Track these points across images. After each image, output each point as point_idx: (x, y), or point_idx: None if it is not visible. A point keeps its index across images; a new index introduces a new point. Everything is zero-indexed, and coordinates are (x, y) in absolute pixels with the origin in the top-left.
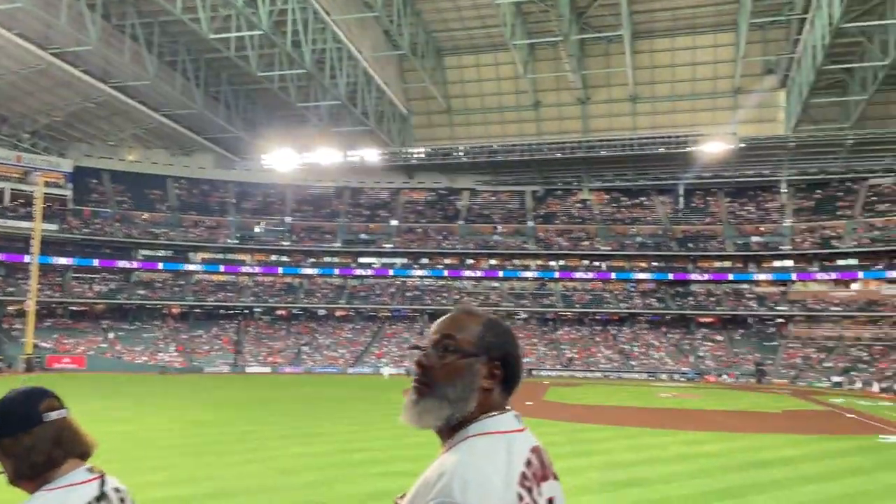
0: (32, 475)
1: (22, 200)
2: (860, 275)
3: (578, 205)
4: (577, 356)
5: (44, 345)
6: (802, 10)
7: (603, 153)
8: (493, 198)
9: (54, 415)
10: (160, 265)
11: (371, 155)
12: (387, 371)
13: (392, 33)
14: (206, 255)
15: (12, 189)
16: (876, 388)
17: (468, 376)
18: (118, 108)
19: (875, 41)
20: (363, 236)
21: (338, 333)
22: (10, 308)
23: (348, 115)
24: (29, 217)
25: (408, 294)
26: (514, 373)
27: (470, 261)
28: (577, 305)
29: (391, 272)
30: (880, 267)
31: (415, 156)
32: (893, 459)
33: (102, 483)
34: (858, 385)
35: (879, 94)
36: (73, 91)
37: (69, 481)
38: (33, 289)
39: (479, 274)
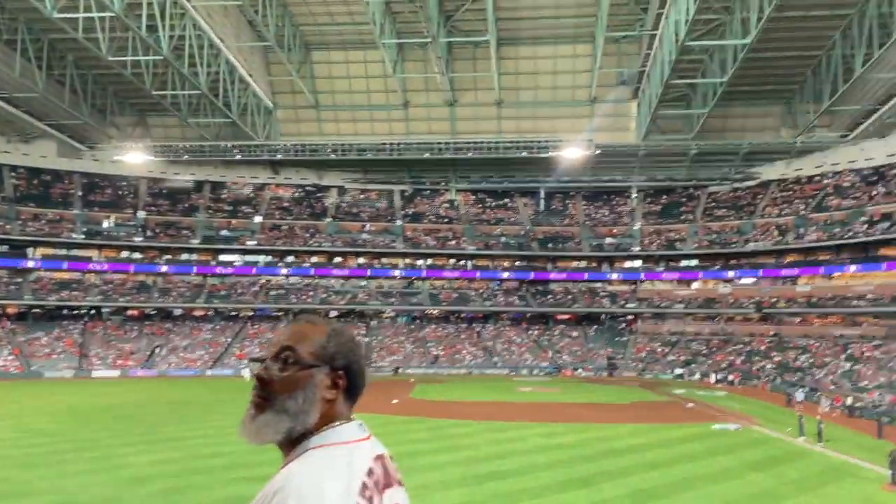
0: None
1: None
2: (700, 275)
3: (446, 205)
4: (442, 353)
5: None
6: (653, 26)
7: (470, 155)
8: (362, 196)
9: None
10: None
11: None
12: (247, 372)
13: (257, 24)
14: (47, 251)
15: None
16: (712, 378)
17: (309, 388)
18: None
19: (715, 59)
20: (224, 233)
21: (196, 334)
22: None
23: (209, 105)
24: None
25: (272, 293)
26: (357, 381)
27: (338, 259)
28: (444, 304)
29: (254, 270)
30: (717, 267)
31: (281, 150)
32: (726, 444)
33: None
34: (697, 376)
35: (718, 109)
36: None
37: None
38: None
39: (346, 272)
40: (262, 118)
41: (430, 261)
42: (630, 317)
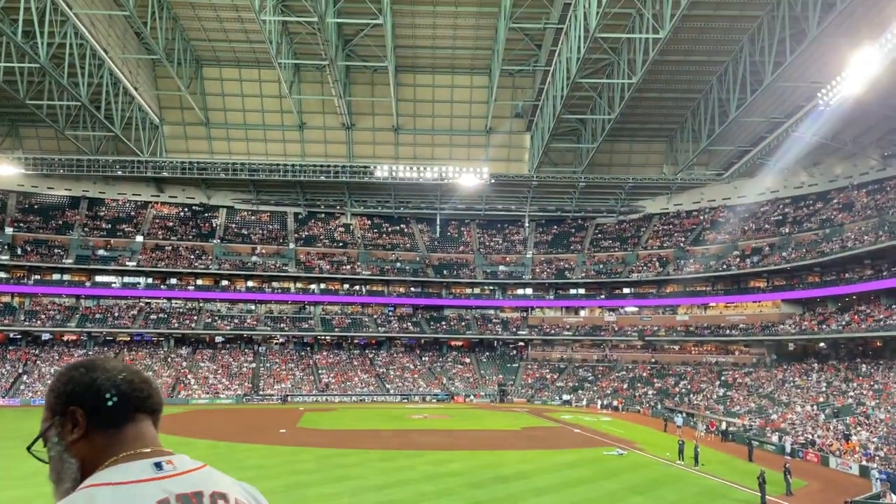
0: None
1: None
2: (587, 303)
3: (341, 229)
4: (333, 381)
5: None
6: (546, 62)
7: (366, 179)
8: (253, 217)
9: None
10: None
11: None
12: None
13: (145, 36)
14: None
15: None
16: (598, 404)
17: (52, 450)
18: None
19: (604, 97)
20: (101, 252)
21: (66, 360)
22: None
23: (90, 117)
24: None
25: (153, 317)
26: (103, 405)
27: (225, 282)
28: (337, 329)
29: (134, 292)
30: (603, 296)
31: (167, 167)
32: (610, 469)
33: None
34: (584, 402)
35: (606, 144)
36: None
37: None
38: None
39: (234, 296)
40: (148, 133)
41: (323, 285)
42: (521, 344)
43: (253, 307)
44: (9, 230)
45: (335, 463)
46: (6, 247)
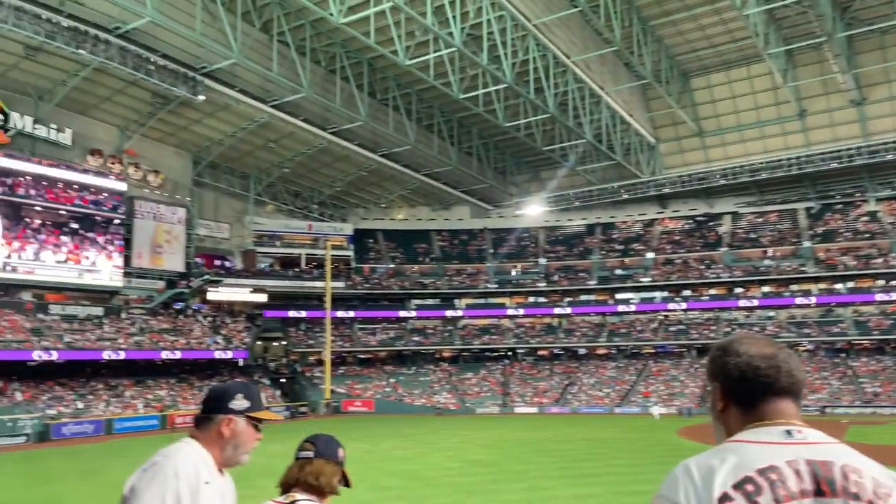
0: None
1: (314, 263)
2: None
3: (865, 218)
4: (881, 390)
5: (339, 390)
6: None
7: (889, 157)
8: (760, 219)
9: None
10: (430, 313)
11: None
12: (657, 411)
13: (633, 64)
14: (469, 301)
15: (306, 254)
16: None
17: (710, 414)
18: (386, 174)
19: None
20: (618, 271)
21: (601, 372)
22: (311, 358)
23: (594, 151)
24: (321, 277)
25: (671, 328)
26: (734, 385)
27: (739, 289)
28: (875, 332)
29: (651, 307)
30: None
31: (667, 184)
32: None
33: None
34: None
35: None
36: (349, 163)
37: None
38: (328, 340)
39: (752, 303)
40: (646, 155)
41: (850, 284)
42: None
43: (772, 313)
44: (542, 260)
45: None
46: (542, 275)
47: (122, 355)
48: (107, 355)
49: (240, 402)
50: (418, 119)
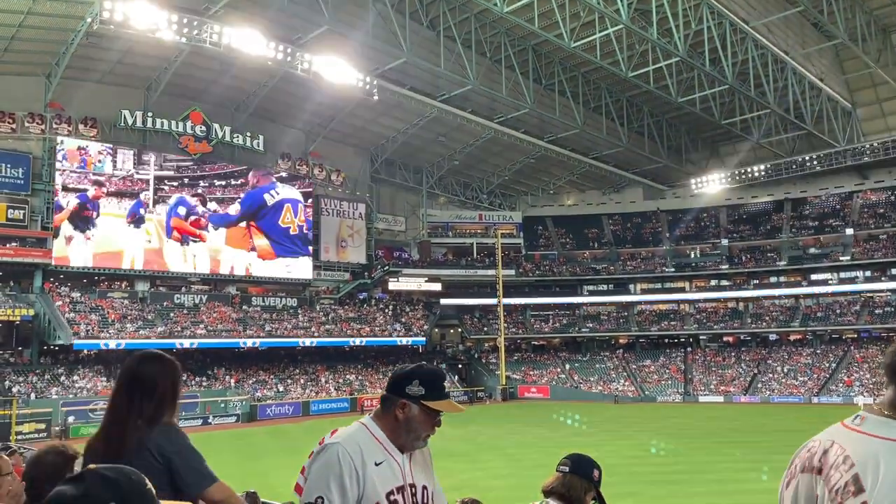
0: None
1: (485, 252)
2: None
3: None
4: None
5: (514, 376)
6: None
7: None
8: None
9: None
10: (604, 299)
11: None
12: (862, 401)
13: (822, 24)
14: (645, 286)
15: (477, 243)
16: None
17: None
18: (554, 160)
19: None
20: (813, 250)
21: (795, 359)
22: (486, 345)
23: (780, 122)
24: (492, 266)
25: (877, 312)
26: None
27: None
28: None
29: (852, 288)
30: None
31: (868, 152)
32: None
33: None
34: None
35: None
36: (517, 151)
37: None
38: (501, 327)
39: None
40: (841, 121)
41: None
42: None
43: None
44: (724, 241)
45: None
46: (724, 257)
47: (314, 342)
48: (301, 342)
49: (416, 389)
50: (585, 102)
